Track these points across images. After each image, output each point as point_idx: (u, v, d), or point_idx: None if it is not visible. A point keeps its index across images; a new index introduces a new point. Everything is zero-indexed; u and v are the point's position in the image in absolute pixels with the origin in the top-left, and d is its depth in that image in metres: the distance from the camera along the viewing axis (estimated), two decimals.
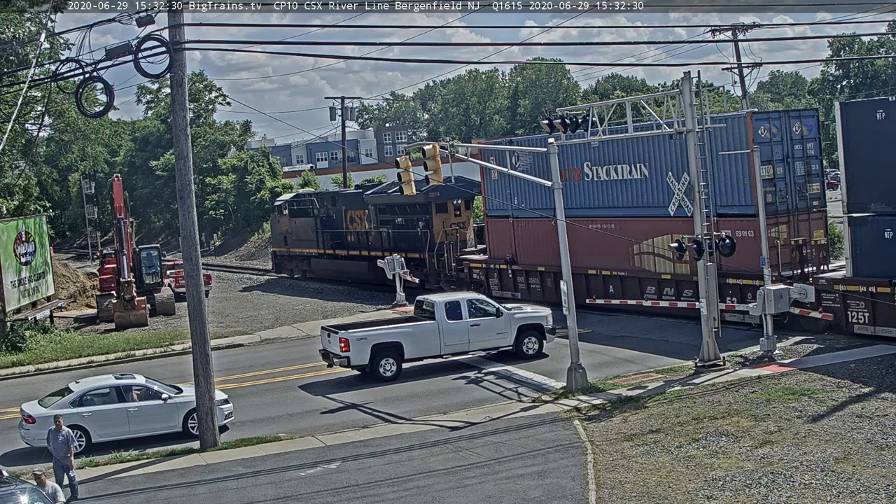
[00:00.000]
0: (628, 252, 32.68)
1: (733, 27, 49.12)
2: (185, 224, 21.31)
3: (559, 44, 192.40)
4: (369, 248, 46.62)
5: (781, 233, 28.32)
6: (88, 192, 79.32)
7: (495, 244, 39.36)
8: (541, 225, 34.94)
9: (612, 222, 32.78)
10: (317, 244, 51.05)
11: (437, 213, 42.48)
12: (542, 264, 36.00)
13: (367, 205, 46.86)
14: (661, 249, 31.36)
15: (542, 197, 34.70)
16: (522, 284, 37.60)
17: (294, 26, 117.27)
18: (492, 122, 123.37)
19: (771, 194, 28.20)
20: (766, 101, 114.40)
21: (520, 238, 37.73)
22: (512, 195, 37.79)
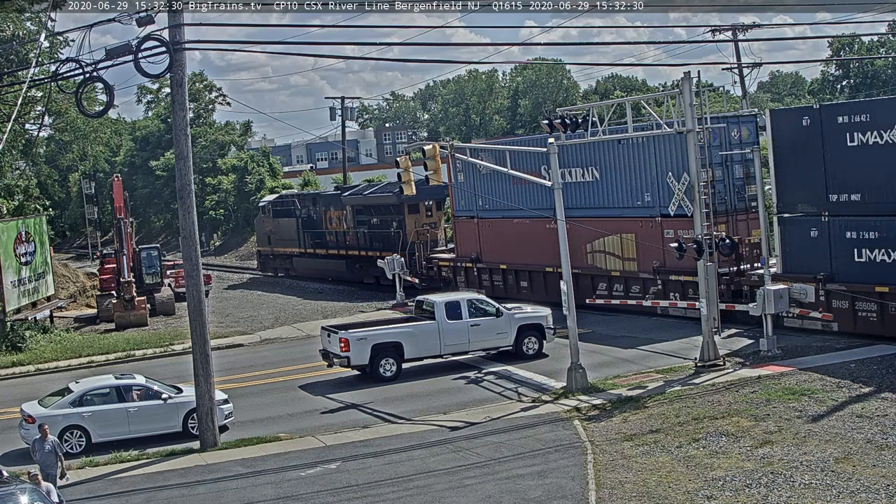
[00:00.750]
0: (582, 251, 33.92)
1: (733, 27, 49.16)
2: (185, 224, 21.31)
3: (559, 44, 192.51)
4: (347, 247, 48.53)
5: (721, 232, 29.10)
6: (88, 192, 79.36)
7: (462, 243, 41.07)
8: (503, 225, 37.77)
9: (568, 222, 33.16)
10: (298, 244, 52.79)
11: (409, 214, 44.11)
12: (505, 262, 37.92)
13: (345, 206, 48.64)
14: (610, 248, 33.28)
15: (504, 198, 36.86)
16: (487, 282, 39.08)
17: (294, 26, 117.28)
18: (492, 122, 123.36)
19: (711, 194, 29.19)
20: (766, 101, 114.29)
21: (484, 237, 39.36)
22: (477, 197, 39.30)
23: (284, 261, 55.24)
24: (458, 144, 27.72)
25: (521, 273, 37.36)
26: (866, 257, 25.53)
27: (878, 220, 25.22)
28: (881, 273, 25.09)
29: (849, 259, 25.89)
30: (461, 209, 41.07)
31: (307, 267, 52.77)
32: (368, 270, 46.67)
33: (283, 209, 54.73)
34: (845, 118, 25.09)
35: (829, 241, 26.29)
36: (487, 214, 39.08)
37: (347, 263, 48.35)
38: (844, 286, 25.65)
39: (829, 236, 26.32)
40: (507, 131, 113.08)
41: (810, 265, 26.43)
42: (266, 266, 57.76)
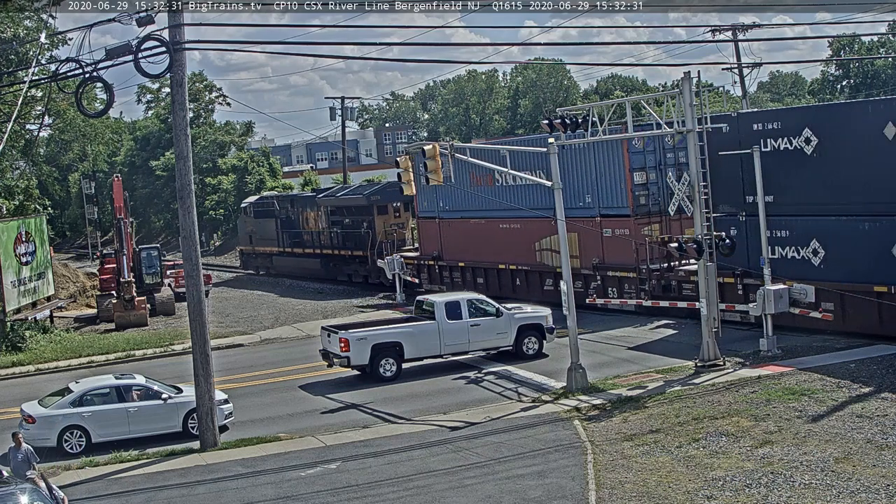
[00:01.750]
0: (532, 249, 36.54)
1: (733, 27, 49.14)
2: (185, 224, 21.31)
3: (559, 44, 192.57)
4: (322, 246, 50.92)
5: (654, 231, 31.64)
6: (88, 192, 79.33)
7: (425, 242, 43.40)
8: (461, 225, 40.42)
9: (518, 222, 36.83)
10: (277, 243, 55.27)
11: (378, 215, 46.42)
12: (463, 260, 40.32)
13: (320, 207, 50.98)
14: (556, 246, 34.26)
15: (462, 200, 39.72)
16: (447, 278, 41.49)
17: (293, 26, 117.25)
18: (492, 122, 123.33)
19: (644, 197, 32.08)
20: (766, 101, 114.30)
21: (445, 237, 41.72)
22: (438, 199, 41.44)
23: (265, 259, 57.49)
24: (457, 144, 27.68)
25: (478, 270, 39.71)
26: (779, 254, 27.50)
27: (788, 219, 27.22)
28: (792, 268, 27.02)
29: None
30: (424, 210, 43.08)
31: (286, 265, 54.86)
32: (342, 269, 49.31)
33: (264, 210, 57.23)
34: (759, 126, 26.55)
35: (746, 239, 27.83)
36: (447, 215, 41.43)
37: (322, 262, 50.63)
38: (760, 280, 26.85)
39: (746, 234, 27.92)
40: (508, 131, 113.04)
41: (731, 260, 27.58)
42: (248, 264, 60.19)
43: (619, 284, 32.92)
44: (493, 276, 38.79)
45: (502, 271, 38.03)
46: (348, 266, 48.57)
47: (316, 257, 51.38)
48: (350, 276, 48.39)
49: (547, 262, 36.10)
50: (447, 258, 41.46)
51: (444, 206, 41.71)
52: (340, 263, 49.35)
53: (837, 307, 25.74)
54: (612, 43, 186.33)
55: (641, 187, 32.36)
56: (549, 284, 35.74)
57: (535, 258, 36.57)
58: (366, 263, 46.66)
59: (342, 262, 49.15)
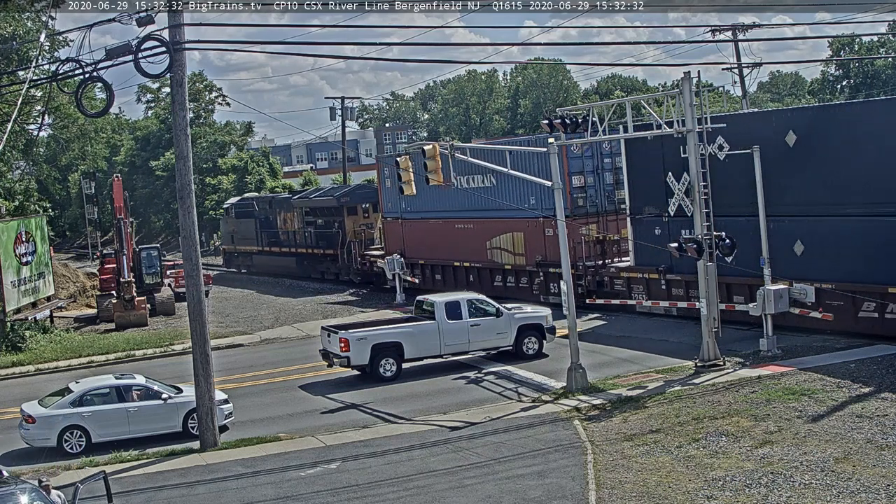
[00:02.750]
0: (484, 247, 39.12)
1: (733, 27, 49.11)
2: (185, 224, 21.31)
3: (559, 44, 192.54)
4: (297, 245, 53.75)
5: (591, 231, 34.55)
6: (88, 192, 79.24)
7: (389, 241, 45.77)
8: (421, 225, 43.00)
9: (471, 223, 39.82)
10: (257, 242, 57.97)
11: (348, 216, 49.00)
12: (423, 258, 42.79)
13: (295, 208, 53.71)
14: (505, 245, 38.13)
15: (423, 201, 40.95)
16: (410, 275, 43.12)
17: (293, 26, 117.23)
18: (492, 122, 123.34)
19: (582, 199, 34.90)
20: (766, 101, 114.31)
21: (406, 236, 44.20)
22: (401, 200, 42.91)
23: (246, 258, 60.32)
24: (457, 144, 27.68)
25: (436, 267, 42.33)
26: None
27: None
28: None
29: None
30: (389, 211, 45.55)
31: (264, 264, 57.51)
32: (315, 267, 52.05)
33: (244, 211, 60.08)
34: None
35: (668, 239, 29.71)
36: (410, 216, 43.88)
37: (297, 260, 53.46)
38: (679, 276, 30.43)
39: (668, 234, 30.53)
40: (508, 131, 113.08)
41: (656, 259, 30.89)
42: (230, 263, 63.02)
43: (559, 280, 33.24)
44: (450, 273, 41.34)
45: (457, 268, 40.62)
46: (321, 264, 51.35)
47: (292, 256, 53.99)
48: (323, 273, 51.23)
49: (497, 259, 38.61)
50: (409, 256, 43.42)
51: (406, 208, 43.76)
52: (314, 262, 52.02)
53: (747, 298, 28.08)
54: (611, 43, 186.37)
55: (580, 190, 35.18)
56: (498, 280, 38.59)
57: (487, 256, 39.07)
58: (337, 261, 49.53)
59: (315, 261, 51.83)
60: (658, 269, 31.31)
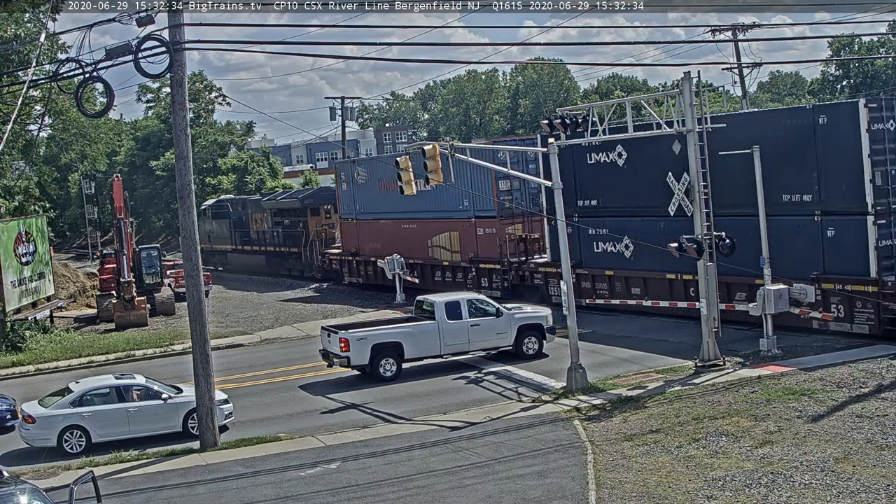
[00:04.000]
0: (426, 245, 42.11)
1: (733, 27, 49.11)
2: (185, 224, 21.31)
3: (558, 44, 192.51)
4: (266, 244, 57.32)
5: (516, 230, 37.69)
6: (88, 192, 79.26)
7: (346, 240, 49.24)
8: (373, 225, 46.27)
9: (415, 223, 43.02)
10: (231, 241, 61.26)
11: (311, 216, 52.52)
12: (374, 255, 45.39)
13: (265, 209, 56.84)
14: (444, 243, 41.21)
15: (374, 203, 45.51)
16: (363, 271, 47.08)
17: (293, 26, 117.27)
18: (492, 122, 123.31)
19: (508, 202, 37.98)
20: (766, 101, 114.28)
21: (360, 235, 47.41)
22: (355, 202, 47.46)
23: (221, 256, 63.47)
24: (457, 144, 27.66)
25: None
26: (601, 248, 33.88)
27: (607, 220, 32.85)
28: (610, 260, 33.40)
29: (590, 250, 34.16)
30: (345, 212, 48.91)
31: (238, 262, 60.84)
32: (283, 264, 55.45)
33: (219, 212, 63.26)
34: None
35: (578, 236, 33.82)
36: (363, 217, 47.25)
37: (266, 258, 57.07)
38: (587, 270, 34.00)
39: (578, 232, 33.67)
40: (508, 131, 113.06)
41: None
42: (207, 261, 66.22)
43: (489, 275, 38.69)
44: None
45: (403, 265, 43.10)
46: (287, 262, 54.88)
47: (262, 254, 57.62)
48: (290, 270, 54.77)
49: (437, 256, 41.82)
50: (363, 254, 46.99)
51: (359, 209, 47.44)
52: (281, 259, 55.57)
53: (643, 289, 32.13)
54: (611, 43, 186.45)
55: (506, 193, 38.13)
56: (438, 275, 41.95)
57: (429, 253, 42.07)
58: (301, 259, 53.40)
59: (283, 258, 55.39)
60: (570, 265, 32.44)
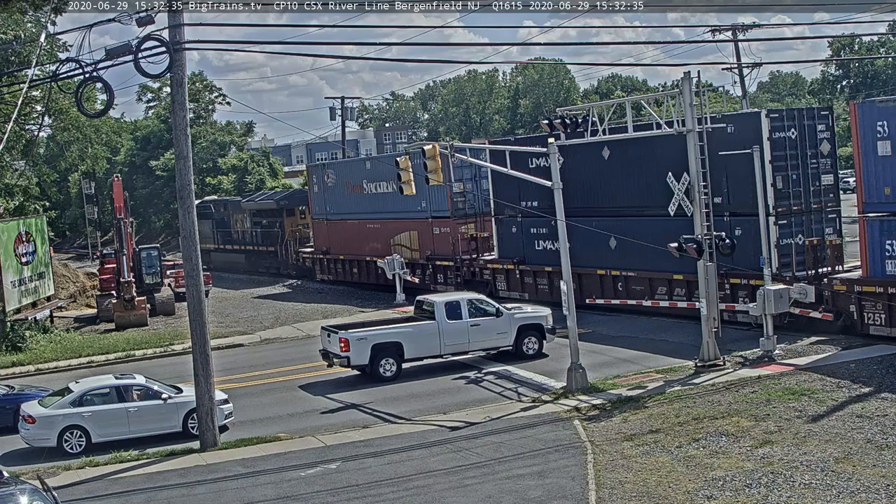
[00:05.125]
0: (389, 244, 44.61)
1: (733, 27, 49.12)
2: (185, 224, 21.31)
3: (558, 44, 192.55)
4: (245, 243, 60.20)
5: (469, 230, 40.33)
6: (88, 192, 79.27)
7: (317, 239, 51.82)
8: (342, 225, 48.87)
9: (379, 223, 45.82)
10: (213, 241, 62.83)
11: (287, 217, 55.34)
12: (343, 253, 48.60)
13: (244, 210, 59.61)
14: (405, 242, 43.93)
15: (342, 204, 48.41)
16: (333, 269, 49.83)
17: (292, 26, 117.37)
18: (492, 122, 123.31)
19: (462, 203, 40.63)
20: (766, 101, 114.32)
21: (331, 235, 49.94)
22: (326, 203, 50.14)
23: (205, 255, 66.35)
24: (457, 144, 27.67)
25: (353, 262, 48.05)
26: (542, 246, 36.36)
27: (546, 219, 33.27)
28: (549, 258, 35.21)
29: (532, 248, 36.88)
30: (317, 213, 51.47)
31: (220, 260, 62.57)
32: (261, 262, 58.28)
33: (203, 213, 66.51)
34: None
35: (521, 235, 37.24)
36: (333, 217, 49.78)
37: (246, 256, 59.93)
38: (529, 267, 36.76)
39: (521, 232, 37.19)
40: (508, 131, 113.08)
41: (513, 252, 37.66)
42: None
43: (444, 271, 41.51)
44: (363, 267, 47.00)
45: (369, 262, 46.14)
46: (265, 260, 57.76)
47: (241, 253, 60.37)
48: (267, 268, 57.53)
49: (398, 254, 43.48)
50: (333, 252, 49.66)
51: (330, 210, 50.08)
52: (259, 258, 58.45)
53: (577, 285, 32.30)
54: (611, 43, 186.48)
55: (460, 195, 40.56)
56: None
57: (391, 251, 43.96)
58: (277, 257, 56.31)
59: (260, 257, 58.34)
60: (513, 261, 37.43)
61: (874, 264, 25.67)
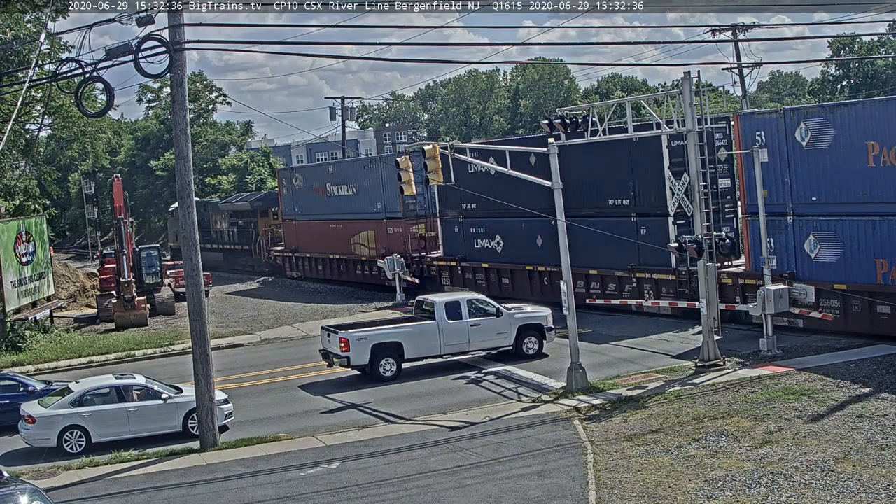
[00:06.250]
0: (349, 242, 47.93)
1: (733, 27, 49.08)
2: (186, 224, 21.32)
3: (558, 44, 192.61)
4: (223, 242, 63.25)
5: (419, 229, 43.34)
6: (88, 192, 79.23)
7: (287, 239, 54.79)
8: (308, 225, 51.96)
9: (341, 223, 48.94)
10: None
11: (260, 217, 58.56)
12: (309, 252, 51.76)
13: (223, 211, 62.72)
14: (363, 241, 47.08)
15: (309, 205, 51.66)
16: (301, 266, 52.92)
17: (292, 26, 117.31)
18: (492, 122, 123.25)
19: (413, 205, 43.24)
20: (765, 101, 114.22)
21: (299, 234, 52.98)
22: (294, 204, 53.33)
23: None
24: (457, 144, 27.67)
25: (318, 259, 51.19)
26: (480, 245, 39.55)
27: (483, 220, 39.04)
28: (486, 255, 39.20)
29: (471, 246, 39.95)
30: (286, 213, 54.63)
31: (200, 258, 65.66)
32: (237, 260, 61.30)
33: None
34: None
35: (463, 235, 40.38)
36: (301, 218, 52.73)
37: (224, 255, 62.74)
38: (469, 263, 39.89)
39: (462, 231, 40.40)
40: (508, 131, 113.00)
41: (456, 250, 40.92)
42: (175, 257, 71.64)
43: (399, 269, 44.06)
44: (327, 264, 50.32)
45: (332, 260, 49.72)
46: (241, 258, 60.86)
47: (220, 251, 62.91)
48: (243, 266, 60.61)
49: (358, 252, 47.39)
50: (301, 251, 52.64)
51: (298, 211, 53.04)
52: (235, 256, 61.55)
53: (509, 280, 38.08)
54: (611, 43, 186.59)
55: (411, 197, 40.75)
56: (359, 269, 47.56)
57: (352, 250, 47.71)
58: (251, 255, 59.51)
59: (237, 255, 61.47)
60: (456, 258, 40.59)
61: (755, 260, 28.23)
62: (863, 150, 25.60)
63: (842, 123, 26.36)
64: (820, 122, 26.81)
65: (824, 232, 26.64)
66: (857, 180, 25.55)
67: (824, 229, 26.74)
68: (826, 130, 26.64)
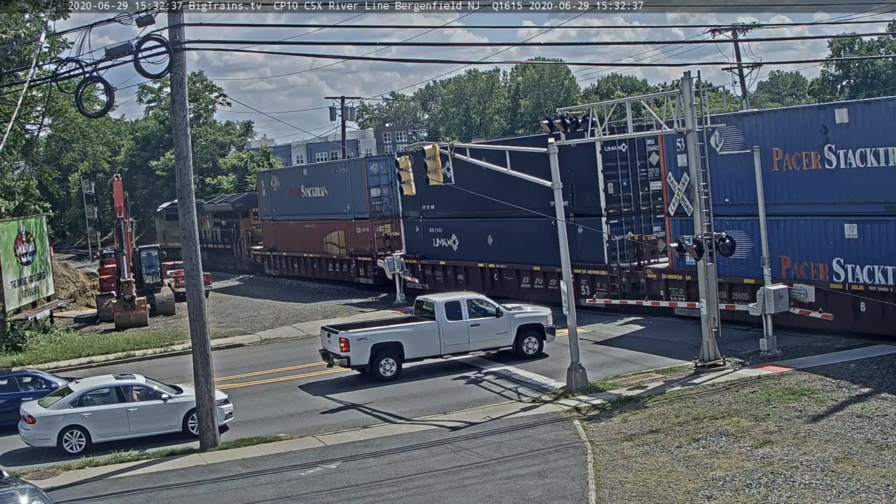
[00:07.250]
0: (322, 242, 50.38)
1: (733, 27, 49.08)
2: (186, 224, 21.32)
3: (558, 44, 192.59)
4: (208, 242, 64.22)
5: (385, 229, 45.68)
6: (88, 192, 79.24)
7: (266, 238, 57.72)
8: (285, 225, 54.63)
9: (314, 223, 51.35)
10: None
11: (242, 218, 61.53)
12: (286, 251, 54.57)
13: (207, 212, 64.29)
14: (335, 240, 49.53)
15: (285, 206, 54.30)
16: (279, 265, 55.67)
17: (292, 26, 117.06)
18: (492, 122, 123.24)
19: (379, 206, 46.40)
20: (766, 101, 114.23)
21: (277, 234, 55.84)
22: (272, 205, 56.03)
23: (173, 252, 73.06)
24: (457, 144, 27.67)
25: (293, 258, 54.00)
26: (438, 244, 42.05)
27: (442, 220, 41.58)
28: (444, 253, 41.77)
29: (431, 245, 42.38)
30: (265, 214, 57.41)
31: None
32: (221, 259, 63.78)
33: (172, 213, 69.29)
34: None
35: (423, 234, 42.86)
36: (278, 218, 55.43)
37: (208, 254, 61.52)
38: (429, 261, 42.30)
39: (423, 231, 42.86)
40: (508, 131, 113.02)
41: (417, 249, 43.29)
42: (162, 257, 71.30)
43: (364, 266, 46.91)
44: (302, 262, 53.04)
45: (306, 258, 52.44)
46: (224, 257, 63.66)
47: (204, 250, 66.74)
48: (226, 264, 63.00)
49: (330, 251, 49.86)
50: (278, 250, 55.43)
51: (275, 211, 55.54)
52: (219, 255, 64.06)
53: (464, 276, 40.52)
54: (611, 43, 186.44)
55: (377, 199, 46.17)
56: (331, 267, 50.19)
57: (324, 249, 50.04)
58: (233, 254, 62.65)
59: (220, 254, 64.18)
60: (417, 256, 42.83)
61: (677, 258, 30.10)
62: (768, 156, 27.42)
63: (750, 131, 28.24)
64: (731, 130, 28.69)
65: (736, 231, 27.66)
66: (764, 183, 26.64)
67: (736, 228, 28.06)
68: (736, 137, 28.44)
